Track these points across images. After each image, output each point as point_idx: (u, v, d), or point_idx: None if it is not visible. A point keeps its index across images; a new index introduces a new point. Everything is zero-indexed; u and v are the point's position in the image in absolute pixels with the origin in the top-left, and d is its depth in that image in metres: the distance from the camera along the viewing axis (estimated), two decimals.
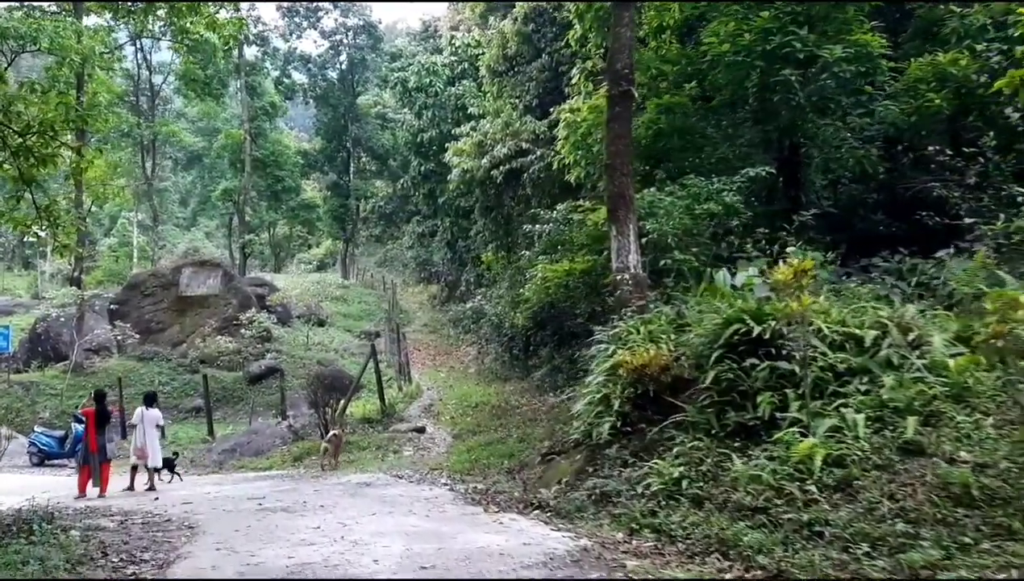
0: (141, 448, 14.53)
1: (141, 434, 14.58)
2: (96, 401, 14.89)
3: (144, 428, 14.60)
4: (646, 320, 9.75)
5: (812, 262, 7.09)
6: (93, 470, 13.94)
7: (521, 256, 25.13)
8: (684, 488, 6.90)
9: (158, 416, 15.14)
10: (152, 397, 15.73)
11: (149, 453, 14.48)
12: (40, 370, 30.24)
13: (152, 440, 14.61)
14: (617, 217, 10.50)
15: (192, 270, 33.52)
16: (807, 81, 11.50)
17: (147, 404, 15.18)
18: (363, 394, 24.59)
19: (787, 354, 7.36)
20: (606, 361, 9.65)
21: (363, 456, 17.38)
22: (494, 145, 22.55)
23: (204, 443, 22.01)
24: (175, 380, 29.59)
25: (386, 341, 36.03)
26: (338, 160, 52.56)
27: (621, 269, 10.52)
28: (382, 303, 49.22)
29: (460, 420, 21.12)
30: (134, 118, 41.77)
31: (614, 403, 9.02)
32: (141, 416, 14.83)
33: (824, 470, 6.11)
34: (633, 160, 10.78)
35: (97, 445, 14.05)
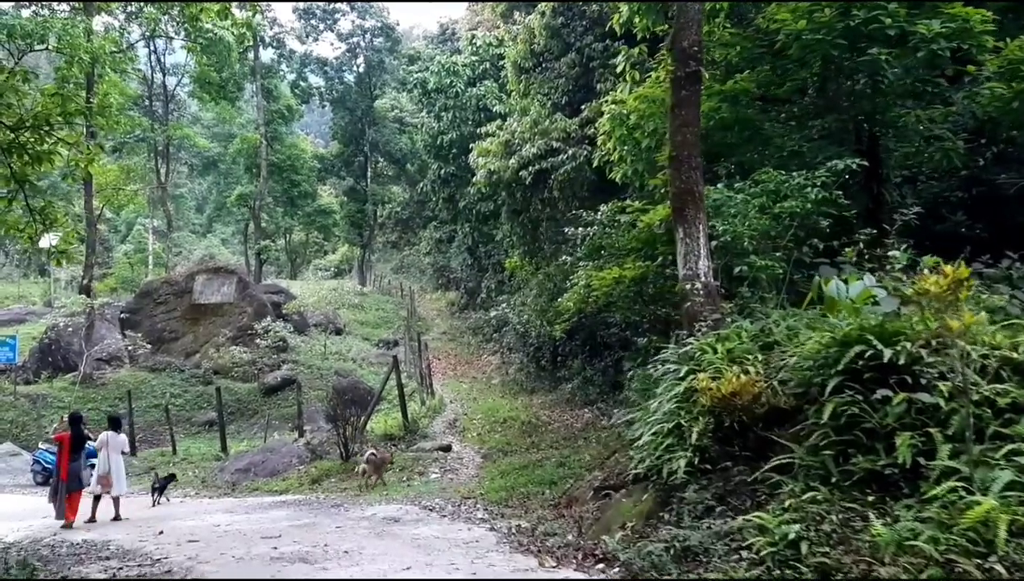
0: (106, 476, 13.44)
1: (105, 460, 13.51)
2: (71, 424, 13.69)
3: (109, 454, 13.54)
4: (722, 337, 8.36)
5: (967, 270, 5.70)
6: (59, 498, 12.77)
7: (551, 262, 23.80)
8: (804, 554, 5.46)
9: (124, 442, 14.22)
10: (117, 421, 14.63)
11: (114, 480, 13.46)
12: (49, 381, 29.17)
13: (118, 467, 13.64)
14: (684, 217, 9.13)
15: (206, 277, 32.38)
16: (895, 61, 10.10)
17: (112, 428, 14.10)
18: (382, 407, 23.32)
19: (927, 384, 5.95)
20: (676, 385, 8.26)
21: (386, 478, 16.04)
22: (522, 144, 21.23)
23: (217, 460, 20.76)
24: (187, 392, 28.41)
25: (405, 350, 34.77)
26: (355, 165, 51.44)
27: (690, 277, 9.14)
28: (400, 310, 48.08)
29: (488, 437, 19.78)
30: (147, 121, 40.76)
31: (690, 435, 7.63)
32: (106, 441, 13.73)
33: (1011, 543, 4.69)
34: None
35: (69, 472, 12.87)
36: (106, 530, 12.33)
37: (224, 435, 22.00)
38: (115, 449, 13.71)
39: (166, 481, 15.95)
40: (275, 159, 47.22)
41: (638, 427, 9.61)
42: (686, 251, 9.12)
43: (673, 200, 9.45)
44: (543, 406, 22.95)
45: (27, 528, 12.98)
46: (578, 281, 13.16)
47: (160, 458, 22.23)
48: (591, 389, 22.32)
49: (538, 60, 23.46)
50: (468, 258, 41.22)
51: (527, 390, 26.16)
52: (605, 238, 12.68)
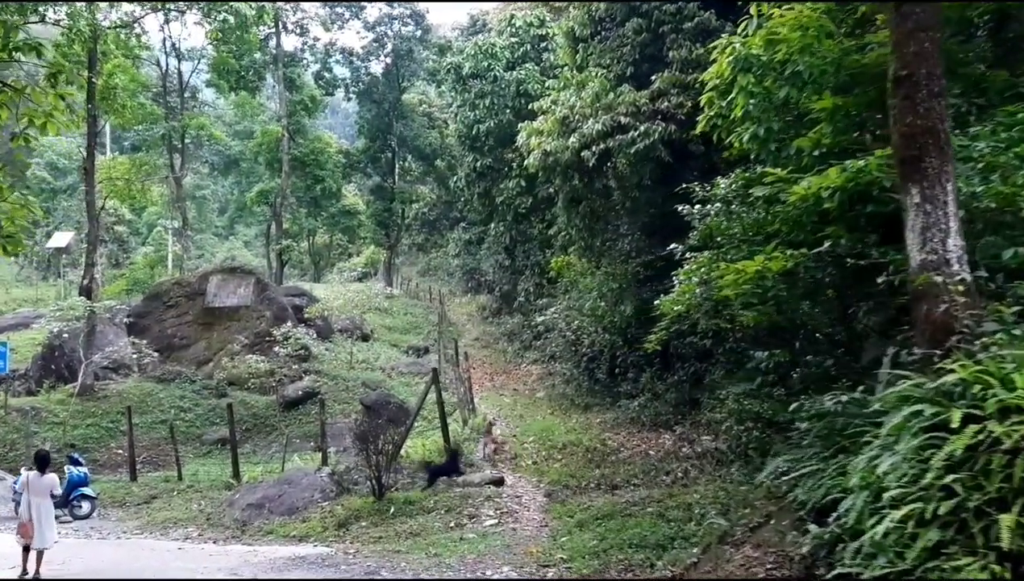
0: (27, 524, 10.94)
1: (27, 506, 11.01)
2: (37, 466, 11.09)
3: (31, 499, 11.02)
4: (998, 361, 5.19)
5: None
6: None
7: (613, 259, 20.65)
8: None
9: (53, 483, 11.48)
10: (45, 459, 11.79)
11: (36, 531, 10.89)
12: (49, 392, 26.39)
13: (44, 514, 11.08)
14: (921, 171, 5.98)
15: (221, 278, 29.53)
16: None
17: (38, 467, 11.42)
18: (416, 425, 20.21)
19: None
20: (934, 440, 5.07)
21: (429, 524, 12.95)
22: (583, 121, 18.12)
23: (227, 489, 17.77)
24: (199, 406, 25.50)
25: (440, 359, 31.79)
26: (382, 161, 48.62)
27: (933, 263, 5.98)
28: (429, 315, 45.29)
29: (547, 467, 16.62)
30: (160, 110, 38.09)
31: (991, 532, 4.45)
32: (27, 483, 11.24)
33: None
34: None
35: None
36: None
37: (236, 458, 19.02)
38: (40, 493, 11.15)
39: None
40: (298, 153, 44.44)
41: (819, 487, 6.45)
42: (925, 224, 5.94)
43: (900, 147, 6.29)
44: (604, 427, 19.77)
45: None
46: (688, 277, 9.98)
47: (163, 484, 19.33)
48: (662, 408, 19.14)
49: (597, 27, 20.37)
50: (504, 258, 38.13)
51: (580, 406, 23.00)
52: (726, 221, 9.54)
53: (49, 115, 9.08)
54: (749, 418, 13.42)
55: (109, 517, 16.98)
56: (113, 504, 18.01)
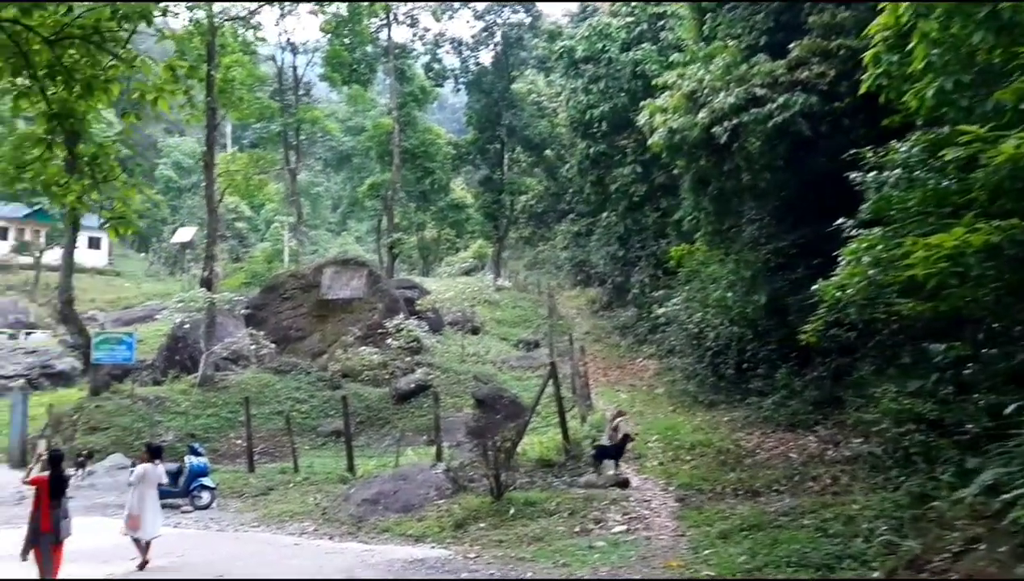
0: (136, 516, 11.18)
1: (137, 498, 11.26)
2: (51, 465, 10.66)
3: (143, 491, 11.36)
4: None
5: None
6: (43, 553, 10.05)
7: (744, 244, 19.21)
8: None
9: (162, 474, 12.02)
10: (158, 450, 12.25)
11: (146, 521, 11.21)
12: (175, 381, 26.97)
13: (153, 504, 11.46)
14: None
15: (334, 270, 29.53)
16: None
17: (151, 459, 11.84)
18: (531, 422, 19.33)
19: None
20: None
21: (552, 528, 12.04)
22: (713, 95, 16.78)
23: (343, 483, 17.37)
24: (314, 397, 25.47)
25: (551, 353, 30.90)
26: (491, 152, 48.02)
27: None
28: (538, 308, 44.46)
29: (675, 469, 15.44)
30: (276, 104, 38.66)
31: None
32: (143, 475, 11.51)
33: None
34: None
35: (51, 522, 10.08)
36: None
37: (351, 451, 18.65)
38: (152, 484, 11.55)
39: None
40: (408, 145, 44.39)
41: None
42: None
43: None
44: (734, 426, 18.36)
45: None
46: (855, 256, 8.65)
47: (280, 476, 19.16)
48: (799, 406, 17.56)
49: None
50: (617, 249, 36.82)
51: (704, 404, 21.60)
52: (906, 190, 8.18)
53: (160, 89, 8.59)
54: (909, 419, 11.92)
55: (228, 508, 16.85)
56: (232, 495, 17.92)
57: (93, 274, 68.25)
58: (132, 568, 11.23)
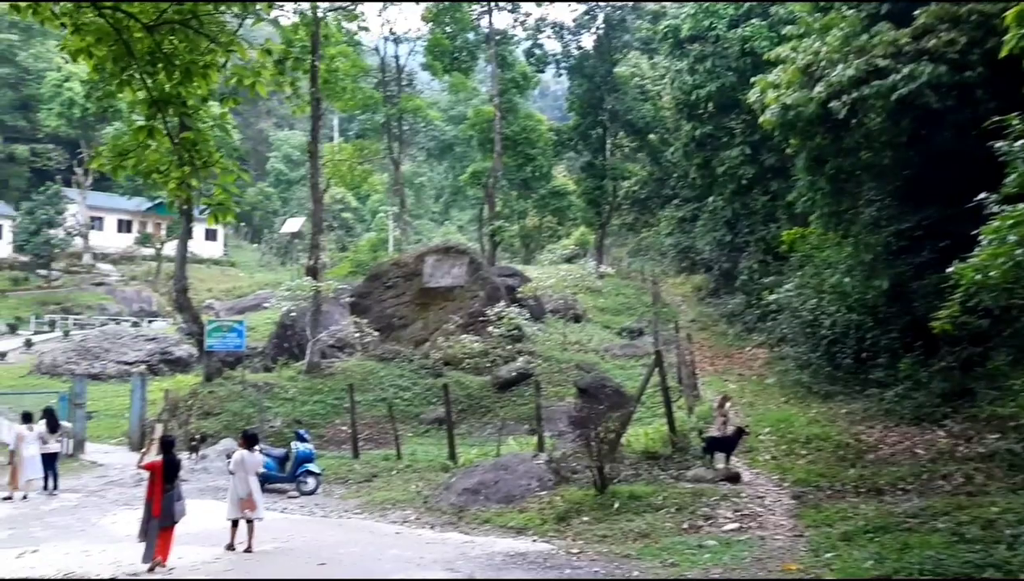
0: (247, 499, 11.55)
1: (244, 482, 11.59)
2: (163, 450, 11.06)
3: (246, 477, 11.66)
4: None
5: None
6: (149, 537, 10.58)
7: (865, 226, 18.05)
8: None
9: (260, 461, 12.54)
10: (254, 438, 12.66)
11: (258, 503, 11.64)
12: (284, 368, 27.65)
13: (256, 490, 11.77)
14: None
15: (436, 258, 29.60)
16: None
17: (247, 446, 12.14)
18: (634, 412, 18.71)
19: None
20: None
21: (659, 524, 11.51)
22: (830, 68, 15.73)
23: (444, 471, 17.27)
24: (416, 385, 25.57)
25: (654, 341, 30.15)
26: (593, 137, 47.31)
27: None
28: (641, 296, 43.60)
29: (789, 464, 14.63)
30: (379, 93, 39.12)
31: None
32: (241, 462, 11.75)
33: None
34: None
35: (162, 507, 10.55)
36: None
37: (452, 439, 18.55)
38: (251, 470, 11.81)
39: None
40: (509, 132, 44.20)
41: None
42: None
43: None
44: (853, 419, 17.31)
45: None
46: (1000, 235, 7.76)
47: (383, 462, 19.24)
48: (925, 398, 16.40)
49: None
50: (724, 234, 35.63)
51: (819, 395, 20.51)
52: None
53: (257, 73, 8.50)
54: None
55: (333, 494, 17.00)
56: (336, 480, 18.10)
57: (209, 265, 71.38)
58: (240, 550, 11.45)
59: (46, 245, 58.47)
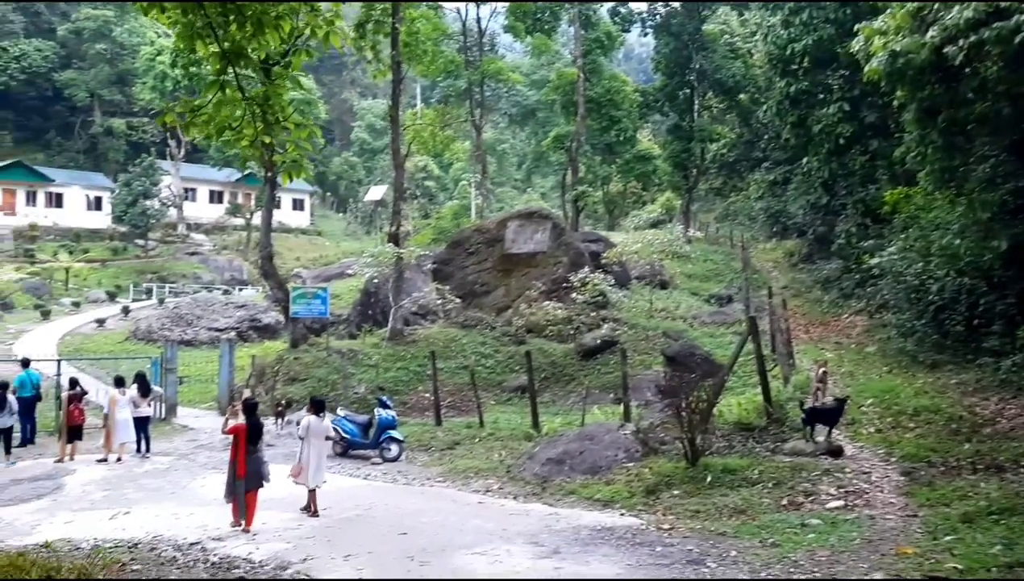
0: (302, 466, 11.58)
1: (307, 448, 11.63)
2: (247, 413, 11.15)
3: (312, 441, 11.68)
4: None
5: None
6: (238, 498, 10.76)
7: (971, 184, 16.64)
8: None
9: (328, 428, 12.78)
10: (321, 404, 12.62)
11: (311, 470, 11.56)
12: (368, 335, 27.76)
13: (320, 456, 11.91)
14: None
15: (518, 223, 29.09)
16: None
17: (315, 412, 12.15)
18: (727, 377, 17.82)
19: None
20: None
21: (755, 499, 10.82)
22: (945, 10, 14.40)
23: (527, 440, 16.88)
24: (498, 352, 25.25)
25: (746, 308, 29.05)
26: (680, 98, 45.81)
27: None
28: (730, 262, 42.29)
29: (896, 437, 13.66)
30: (460, 57, 38.61)
31: None
32: (308, 427, 11.76)
33: None
34: None
35: (247, 469, 10.75)
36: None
37: (535, 408, 18.11)
38: (318, 435, 11.93)
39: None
40: (593, 94, 43.13)
41: None
42: None
43: None
44: (965, 390, 16.13)
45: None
46: None
47: (466, 430, 18.98)
48: None
49: None
50: (819, 197, 34.00)
51: (925, 364, 19.26)
52: None
53: (331, 23, 8.07)
54: None
55: (415, 461, 16.83)
56: (419, 448, 17.92)
57: (297, 234, 72.86)
58: (305, 514, 11.56)
59: (142, 216, 60.52)
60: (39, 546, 10.07)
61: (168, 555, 9.74)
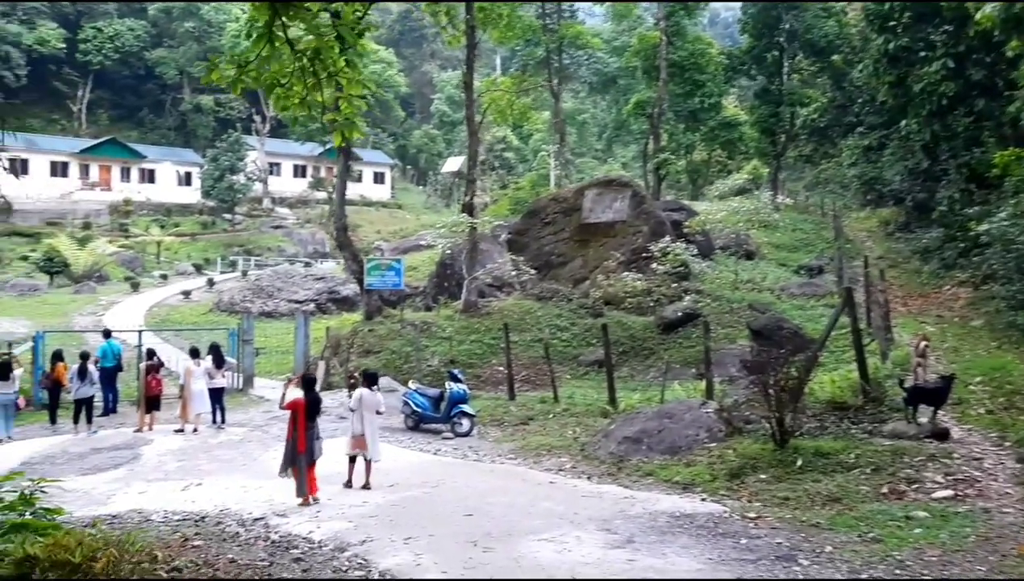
0: (359, 437, 11.56)
1: (359, 420, 11.59)
2: (305, 388, 10.97)
3: (364, 414, 11.61)
4: None
5: None
6: (299, 473, 10.65)
7: None
8: None
9: (380, 401, 12.25)
10: (374, 377, 12.72)
11: (369, 444, 11.56)
12: (444, 307, 27.44)
13: (374, 429, 11.82)
14: None
15: (596, 192, 28.17)
16: None
17: (368, 384, 12.11)
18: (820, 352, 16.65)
19: None
20: None
21: (851, 487, 9.88)
22: None
23: (603, 417, 16.19)
24: (575, 325, 24.53)
25: (839, 280, 27.56)
26: (768, 60, 43.74)
27: None
28: (821, 231, 40.39)
29: (1010, 419, 12.37)
30: (538, 22, 37.64)
31: None
32: (361, 399, 11.68)
33: None
34: None
35: (307, 444, 10.64)
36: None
37: (612, 383, 17.36)
38: (371, 408, 11.75)
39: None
40: (676, 58, 41.52)
41: None
42: None
43: None
44: None
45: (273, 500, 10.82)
46: None
47: (539, 405, 18.41)
48: None
49: None
50: (919, 161, 31.92)
51: None
52: None
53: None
54: None
55: (487, 436, 16.35)
56: (492, 422, 17.44)
57: (378, 207, 73.37)
58: (357, 486, 11.49)
59: (229, 190, 61.83)
60: (111, 517, 10.05)
61: (232, 530, 9.50)
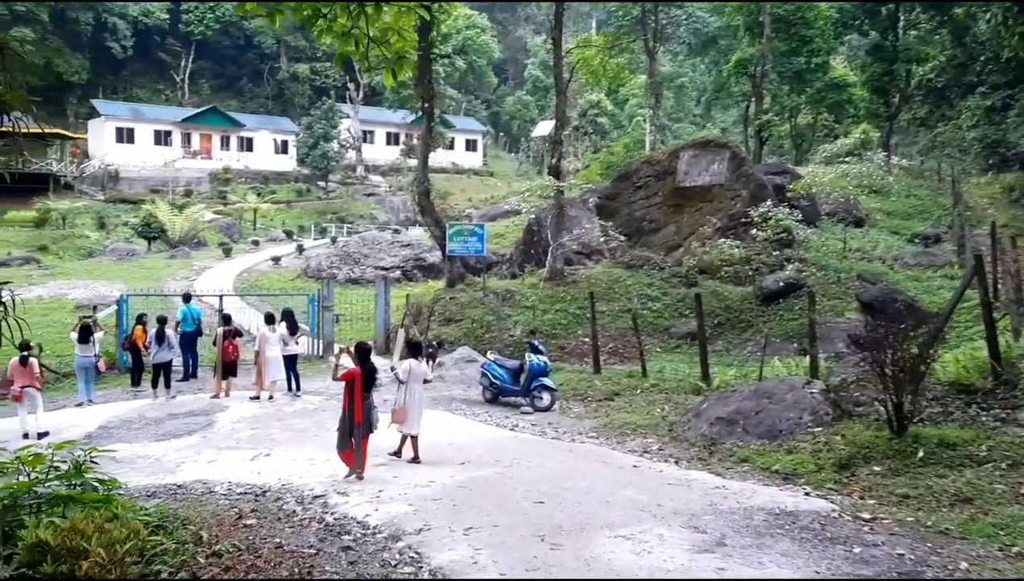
0: (403, 410, 11.10)
1: (404, 393, 11.19)
2: (360, 359, 10.40)
3: (412, 386, 11.20)
4: None
5: None
6: (355, 446, 10.15)
7: None
8: None
9: (426, 371, 12.04)
10: (419, 347, 12.18)
11: (410, 418, 11.10)
12: (530, 274, 26.50)
13: (420, 401, 11.37)
14: None
15: (692, 154, 26.53)
16: None
17: (414, 355, 11.66)
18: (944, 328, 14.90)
19: None
20: None
21: (983, 485, 8.47)
22: None
23: (695, 394, 14.98)
24: (666, 295, 23.19)
25: (960, 249, 25.27)
26: (882, 13, 40.68)
27: None
28: (938, 198, 37.58)
29: None
30: None
31: None
32: (408, 371, 11.25)
33: None
34: None
35: (363, 415, 10.16)
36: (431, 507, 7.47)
37: (705, 358, 16.06)
38: (418, 379, 11.35)
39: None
40: (781, 12, 38.97)
41: None
42: None
43: None
44: None
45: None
46: None
47: (626, 379, 17.30)
48: None
49: None
50: None
51: None
52: None
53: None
54: None
55: (569, 412, 15.39)
56: (575, 397, 16.47)
57: (470, 174, 72.89)
58: (406, 459, 11.23)
59: (323, 158, 62.32)
60: (176, 487, 9.78)
61: (289, 508, 8.89)
